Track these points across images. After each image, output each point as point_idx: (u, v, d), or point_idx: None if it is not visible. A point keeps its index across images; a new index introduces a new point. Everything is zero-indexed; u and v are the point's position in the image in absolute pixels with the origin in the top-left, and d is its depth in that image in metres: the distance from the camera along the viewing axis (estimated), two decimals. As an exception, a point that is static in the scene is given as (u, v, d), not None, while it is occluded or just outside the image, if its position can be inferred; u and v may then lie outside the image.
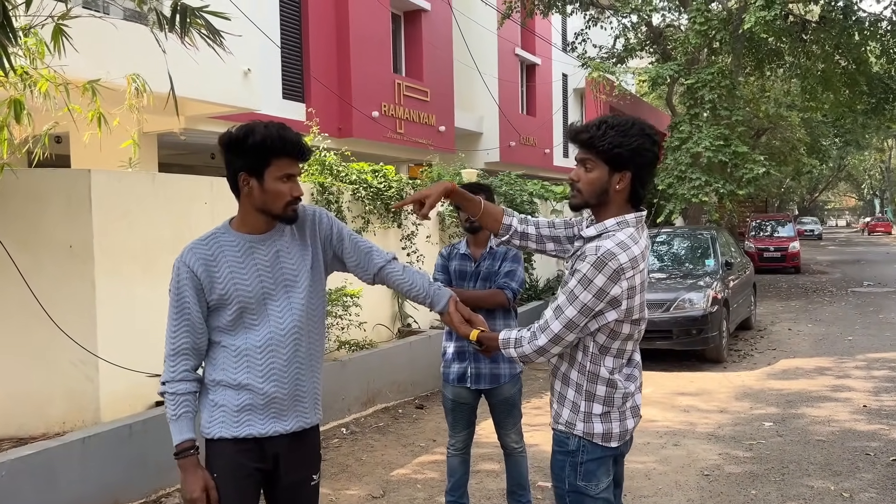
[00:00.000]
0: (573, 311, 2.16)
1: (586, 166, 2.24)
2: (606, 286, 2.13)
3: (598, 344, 2.24)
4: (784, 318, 12.20)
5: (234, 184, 2.22)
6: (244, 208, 2.25)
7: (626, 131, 2.18)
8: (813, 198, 53.40)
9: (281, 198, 2.19)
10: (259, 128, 2.14)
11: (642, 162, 2.21)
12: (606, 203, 2.25)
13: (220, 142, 2.20)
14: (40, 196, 4.74)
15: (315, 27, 13.54)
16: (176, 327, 2.23)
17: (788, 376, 7.83)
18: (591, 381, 2.26)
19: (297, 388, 2.28)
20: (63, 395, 4.79)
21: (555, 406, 2.36)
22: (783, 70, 17.98)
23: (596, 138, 2.19)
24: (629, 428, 2.33)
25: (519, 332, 2.29)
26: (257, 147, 2.14)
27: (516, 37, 20.72)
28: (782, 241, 21.25)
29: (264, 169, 2.16)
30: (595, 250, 2.15)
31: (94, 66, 5.76)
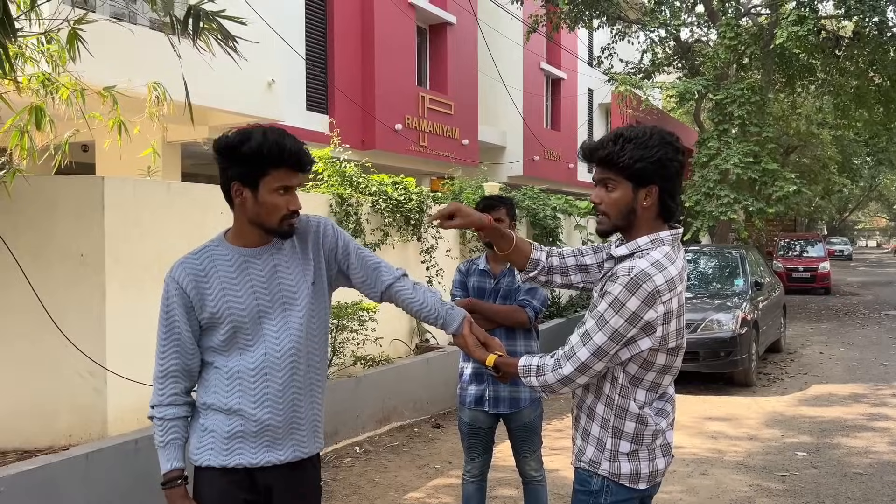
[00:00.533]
0: (603, 338, 1.96)
1: (608, 186, 2.05)
2: (640, 310, 1.93)
3: (630, 375, 2.02)
4: (815, 340, 11.82)
5: (228, 193, 2.06)
6: (238, 220, 2.10)
7: (646, 142, 1.99)
8: (843, 217, 52.39)
9: (276, 211, 2.03)
10: (257, 134, 1.98)
11: (668, 173, 2.02)
12: (635, 223, 2.06)
13: (215, 146, 2.04)
14: (52, 203, 4.65)
15: (340, 39, 13.51)
16: (165, 348, 2.07)
17: (821, 403, 7.51)
18: (619, 416, 2.05)
19: (293, 414, 2.10)
20: (70, 407, 4.67)
21: (578, 442, 2.15)
22: (815, 87, 17.62)
23: (615, 154, 2.00)
24: (659, 468, 2.10)
25: (541, 359, 2.09)
26: (253, 155, 1.97)
27: (542, 50, 20.59)
28: (812, 261, 20.78)
29: (260, 179, 2.00)
30: (628, 271, 1.96)
31: (117, 74, 5.71)
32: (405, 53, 15.04)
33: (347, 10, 13.70)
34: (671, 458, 2.18)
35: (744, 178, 13.52)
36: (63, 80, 4.31)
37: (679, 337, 2.05)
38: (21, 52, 4.22)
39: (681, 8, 16.07)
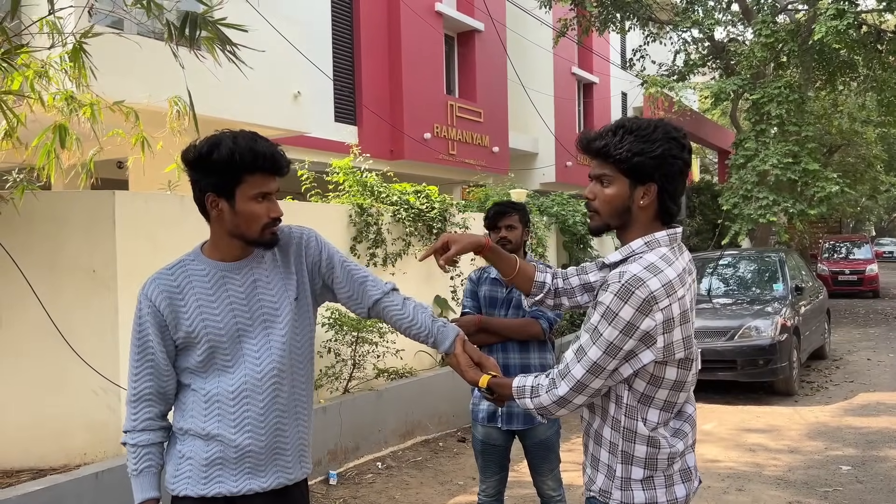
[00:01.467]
0: (597, 352, 1.78)
1: (602, 181, 1.87)
2: (635, 319, 1.73)
3: (638, 393, 1.82)
4: (862, 346, 11.33)
5: (201, 206, 1.95)
6: (215, 233, 1.98)
7: (649, 136, 1.80)
8: (892, 218, 50.73)
9: (256, 220, 1.91)
10: (226, 140, 1.87)
11: (670, 171, 1.82)
12: (630, 223, 1.87)
13: (183, 158, 1.93)
14: (63, 218, 4.63)
15: (367, 49, 13.50)
16: (137, 370, 1.96)
17: (868, 412, 7.13)
18: (627, 439, 1.85)
19: (277, 439, 1.97)
20: (84, 425, 4.62)
21: (588, 470, 1.97)
22: (857, 83, 17.04)
23: (612, 146, 1.82)
24: (679, 497, 1.88)
25: (536, 379, 1.91)
26: (225, 163, 1.85)
27: (573, 55, 20.33)
28: (859, 263, 20.07)
29: (235, 188, 1.88)
30: (619, 277, 1.77)
31: (139, 89, 5.72)
32: (433, 62, 14.96)
33: (374, 21, 13.69)
34: (696, 485, 1.97)
35: (783, 179, 13.08)
36: (85, 97, 4.31)
37: (687, 347, 1.83)
38: (45, 70, 4.22)
39: (714, 7, 15.71)
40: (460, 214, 7.91)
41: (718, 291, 9.64)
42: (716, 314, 8.50)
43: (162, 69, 6.57)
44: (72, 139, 3.94)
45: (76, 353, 4.44)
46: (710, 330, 7.93)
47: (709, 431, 6.56)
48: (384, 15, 13.92)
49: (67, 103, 4.26)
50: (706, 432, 6.52)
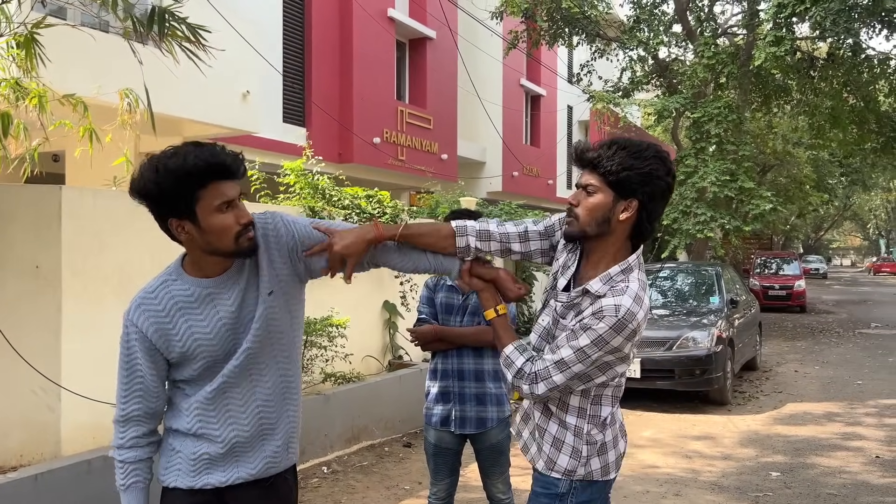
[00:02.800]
0: (581, 368, 1.95)
1: (588, 190, 1.96)
2: (622, 346, 1.93)
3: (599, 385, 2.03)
4: (790, 359, 11.83)
5: (168, 232, 1.87)
6: (192, 253, 1.91)
7: (640, 153, 1.91)
8: (818, 236, 53.07)
9: (227, 232, 1.82)
10: (164, 162, 1.76)
11: (653, 190, 1.93)
12: (606, 235, 1.97)
13: (133, 192, 1.83)
14: (8, 213, 4.48)
15: (318, 51, 13.42)
16: (126, 393, 1.92)
17: (796, 421, 7.47)
18: (592, 423, 2.04)
19: (262, 426, 1.97)
20: (21, 425, 4.48)
21: (546, 449, 2.07)
22: (791, 106, 17.83)
23: (604, 158, 1.92)
24: (622, 451, 2.14)
25: (526, 362, 2.02)
26: (174, 184, 1.75)
27: (522, 67, 20.65)
28: (788, 279, 20.92)
29: (194, 206, 1.78)
30: (615, 311, 1.90)
31: (87, 82, 5.57)
32: (384, 67, 14.98)
33: (326, 24, 13.63)
34: (626, 438, 2.22)
35: (720, 196, 13.58)
36: (31, 86, 4.18)
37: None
38: None
39: (659, 27, 16.20)
40: (412, 220, 7.95)
41: (657, 303, 9.93)
42: (655, 325, 8.75)
43: (108, 62, 6.44)
44: (19, 128, 3.81)
45: (15, 351, 4.29)
46: (650, 340, 8.17)
47: (647, 438, 6.76)
48: (336, 18, 13.88)
49: (13, 91, 4.14)
50: (645, 439, 6.72)
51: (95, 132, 4.43)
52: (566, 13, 15.33)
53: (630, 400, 8.13)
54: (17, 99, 4.02)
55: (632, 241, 2.01)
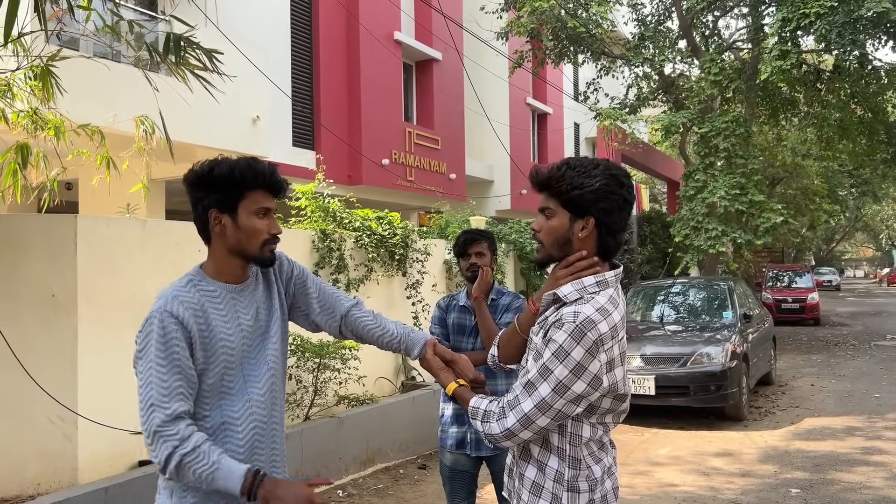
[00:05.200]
0: (547, 389, 1.82)
1: (546, 213, 1.97)
2: (585, 360, 1.80)
3: (577, 420, 1.90)
4: (806, 372, 11.72)
5: (204, 225, 1.95)
6: (217, 253, 1.96)
7: (588, 171, 1.91)
8: (829, 248, 52.74)
9: (257, 235, 1.92)
10: (226, 160, 1.93)
11: (608, 206, 1.91)
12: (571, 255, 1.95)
13: (187, 180, 1.94)
14: (23, 242, 4.54)
15: (326, 75, 13.55)
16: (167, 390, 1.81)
17: (815, 436, 7.38)
18: (572, 467, 1.91)
19: (273, 451, 2.00)
20: (39, 454, 4.49)
21: (525, 497, 1.95)
22: (798, 119, 17.82)
23: (553, 179, 1.93)
24: (609, 490, 1.98)
25: (491, 404, 1.94)
26: (227, 178, 1.89)
27: (528, 86, 20.76)
28: (801, 291, 20.76)
29: (238, 202, 1.90)
30: (573, 317, 1.82)
31: (101, 112, 5.67)
32: (391, 89, 15.10)
33: (333, 47, 13.77)
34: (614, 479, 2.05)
35: (731, 210, 13.54)
36: (48, 116, 4.25)
37: (624, 385, 1.93)
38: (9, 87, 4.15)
39: (664, 44, 16.29)
40: (421, 241, 7.98)
41: (670, 318, 9.89)
42: (668, 341, 8.71)
43: (119, 91, 6.54)
44: (38, 157, 3.88)
45: (32, 380, 4.32)
46: (664, 356, 8.13)
47: (664, 456, 6.70)
48: (343, 42, 14.03)
49: (32, 121, 4.20)
50: (663, 456, 6.66)
51: (113, 160, 4.49)
52: (571, 32, 15.43)
53: (645, 417, 8.07)
54: (35, 129, 4.09)
55: (601, 255, 1.97)
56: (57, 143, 4.10)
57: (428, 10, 15.57)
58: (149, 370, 1.82)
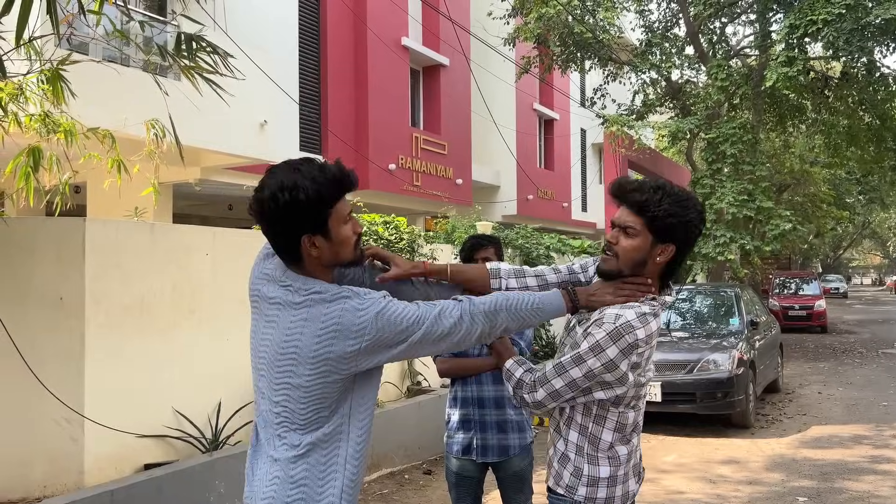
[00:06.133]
0: (578, 373, 1.99)
1: (627, 231, 2.03)
2: (618, 359, 1.97)
3: (602, 405, 2.08)
4: (813, 380, 11.67)
5: (291, 250, 1.84)
6: (311, 268, 1.87)
7: (684, 203, 2.02)
8: (837, 255, 52.53)
9: (349, 242, 1.88)
10: (302, 179, 1.76)
11: (688, 238, 2.06)
12: (640, 276, 2.05)
13: (260, 212, 1.81)
14: (32, 246, 4.56)
15: (334, 80, 13.60)
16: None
17: (822, 444, 7.34)
18: (592, 442, 2.10)
19: None
20: (45, 456, 4.50)
21: (555, 465, 2.16)
22: (806, 126, 17.78)
23: (652, 203, 1.99)
24: (631, 490, 2.15)
25: (525, 373, 2.09)
26: (316, 203, 1.77)
27: (534, 91, 20.78)
28: (808, 299, 20.69)
29: (327, 220, 1.81)
30: (614, 319, 1.98)
31: (110, 115, 5.69)
32: (398, 95, 15.14)
33: (341, 53, 13.82)
34: (642, 480, 2.25)
35: (739, 217, 13.50)
36: (60, 119, 4.27)
37: (645, 374, 2.11)
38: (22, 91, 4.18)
39: (671, 50, 16.29)
40: (428, 246, 7.98)
41: (676, 325, 9.86)
42: (675, 347, 8.68)
43: (127, 95, 6.57)
44: (51, 161, 3.90)
45: (40, 382, 4.33)
46: (670, 363, 8.10)
47: (671, 463, 6.68)
48: (351, 47, 14.07)
49: (44, 124, 4.23)
50: (669, 463, 6.63)
51: (123, 164, 4.51)
52: (578, 38, 15.45)
53: (651, 424, 8.03)
54: (47, 132, 4.11)
55: (662, 279, 2.10)
56: (69, 147, 4.12)
57: (435, 16, 15.61)
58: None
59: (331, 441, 1.86)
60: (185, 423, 5.07)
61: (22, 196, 3.97)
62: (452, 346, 1.92)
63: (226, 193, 12.17)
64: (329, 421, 1.85)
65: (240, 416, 5.40)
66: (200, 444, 5.07)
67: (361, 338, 1.79)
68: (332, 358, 1.79)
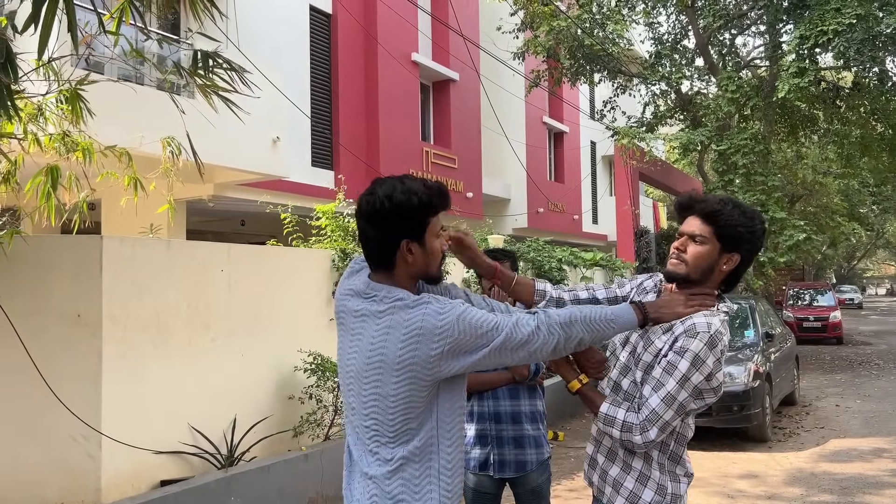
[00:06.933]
0: (685, 395, 2.03)
1: (697, 239, 2.13)
2: (715, 368, 2.04)
3: (682, 422, 2.15)
4: (830, 392, 11.55)
5: (387, 254, 1.89)
6: (399, 277, 1.92)
7: (752, 215, 2.13)
8: (851, 265, 52.13)
9: (437, 256, 1.95)
10: (415, 186, 1.88)
11: (753, 248, 2.15)
12: (705, 283, 2.15)
13: (373, 212, 1.87)
14: (50, 263, 4.60)
15: (345, 96, 13.69)
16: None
17: (841, 458, 7.25)
18: (672, 459, 2.16)
19: None
20: (62, 472, 4.52)
21: (628, 485, 2.14)
22: (818, 136, 17.70)
23: (724, 213, 2.10)
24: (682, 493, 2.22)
25: (628, 413, 2.09)
26: (425, 207, 1.88)
27: (544, 104, 20.83)
28: (823, 310, 20.50)
29: (426, 229, 1.90)
30: (708, 327, 2.04)
31: (126, 133, 5.76)
32: (409, 109, 15.22)
33: (352, 69, 13.92)
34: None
35: (751, 228, 13.40)
36: (78, 139, 4.33)
37: None
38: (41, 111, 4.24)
39: (681, 62, 16.29)
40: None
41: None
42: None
43: (142, 113, 6.64)
44: (70, 180, 3.95)
45: (57, 398, 4.36)
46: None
47: (687, 478, 6.61)
48: (362, 63, 14.17)
49: (63, 143, 4.28)
50: (685, 479, 6.56)
51: (140, 181, 4.55)
52: (588, 51, 15.48)
53: (667, 438, 7.97)
54: (67, 151, 4.17)
55: (722, 288, 2.19)
56: (87, 165, 4.17)
57: (445, 31, 15.71)
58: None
59: (423, 455, 1.87)
60: (201, 438, 5.08)
61: (44, 216, 4.01)
62: (529, 356, 1.93)
63: (239, 209, 12.24)
64: (419, 434, 1.87)
65: (255, 431, 5.40)
66: (216, 460, 5.07)
67: (444, 340, 1.81)
68: (416, 363, 1.81)
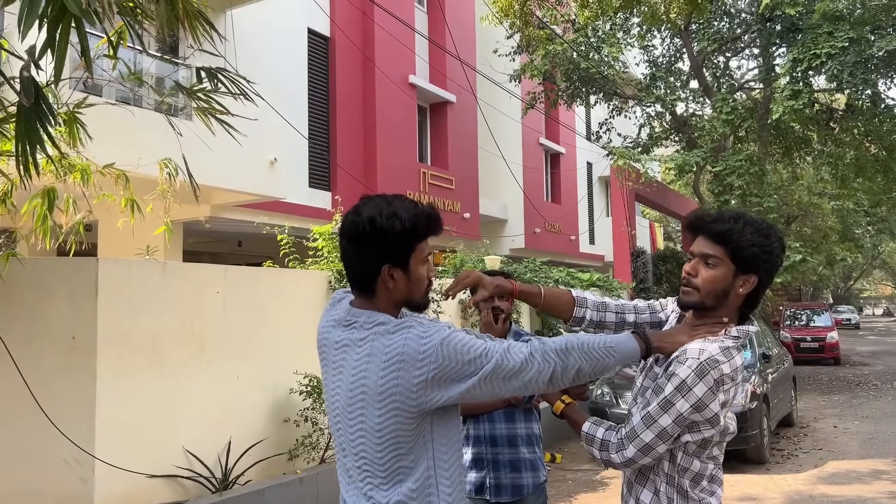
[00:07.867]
0: (668, 420, 1.89)
1: (708, 261, 1.96)
2: (706, 397, 1.87)
3: (688, 453, 1.97)
4: (827, 413, 11.51)
5: (367, 279, 1.82)
6: (381, 303, 1.84)
7: (766, 232, 1.95)
8: (847, 286, 52.20)
9: (423, 283, 1.86)
10: (400, 209, 1.79)
11: (771, 268, 1.98)
12: (721, 308, 1.99)
13: (355, 234, 1.80)
14: (45, 285, 4.59)
15: (342, 118, 13.77)
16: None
17: (840, 480, 7.22)
18: (680, 493, 1.98)
19: None
20: (55, 496, 4.48)
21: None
22: (812, 157, 17.82)
23: (735, 232, 1.93)
24: None
25: (607, 432, 2.01)
26: (409, 233, 1.79)
27: (541, 126, 20.95)
28: (819, 330, 20.50)
29: (410, 255, 1.81)
30: (698, 354, 1.89)
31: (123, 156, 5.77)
32: (406, 131, 15.30)
33: (350, 90, 14.01)
34: None
35: (747, 248, 13.44)
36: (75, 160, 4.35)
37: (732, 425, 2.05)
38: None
39: (676, 84, 16.44)
40: (436, 280, 7.98)
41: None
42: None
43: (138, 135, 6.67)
44: (68, 202, 3.96)
45: (51, 422, 4.33)
46: (683, 397, 8.00)
47: (685, 501, 6.57)
48: (359, 85, 14.27)
49: (60, 165, 4.30)
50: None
51: (137, 203, 4.56)
52: (583, 73, 15.61)
53: (665, 460, 7.93)
54: (64, 174, 4.18)
55: (742, 311, 2.02)
56: (85, 187, 4.18)
57: (442, 54, 15.84)
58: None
59: (420, 497, 1.78)
60: (195, 462, 5.04)
61: (39, 238, 4.01)
62: (524, 387, 1.80)
63: (236, 230, 12.25)
64: (413, 474, 1.77)
65: (250, 454, 5.37)
66: (210, 484, 5.03)
67: (427, 366, 1.71)
68: (399, 392, 1.72)
